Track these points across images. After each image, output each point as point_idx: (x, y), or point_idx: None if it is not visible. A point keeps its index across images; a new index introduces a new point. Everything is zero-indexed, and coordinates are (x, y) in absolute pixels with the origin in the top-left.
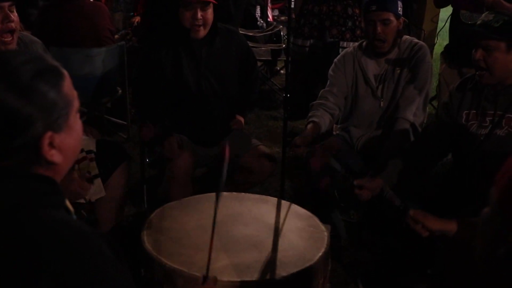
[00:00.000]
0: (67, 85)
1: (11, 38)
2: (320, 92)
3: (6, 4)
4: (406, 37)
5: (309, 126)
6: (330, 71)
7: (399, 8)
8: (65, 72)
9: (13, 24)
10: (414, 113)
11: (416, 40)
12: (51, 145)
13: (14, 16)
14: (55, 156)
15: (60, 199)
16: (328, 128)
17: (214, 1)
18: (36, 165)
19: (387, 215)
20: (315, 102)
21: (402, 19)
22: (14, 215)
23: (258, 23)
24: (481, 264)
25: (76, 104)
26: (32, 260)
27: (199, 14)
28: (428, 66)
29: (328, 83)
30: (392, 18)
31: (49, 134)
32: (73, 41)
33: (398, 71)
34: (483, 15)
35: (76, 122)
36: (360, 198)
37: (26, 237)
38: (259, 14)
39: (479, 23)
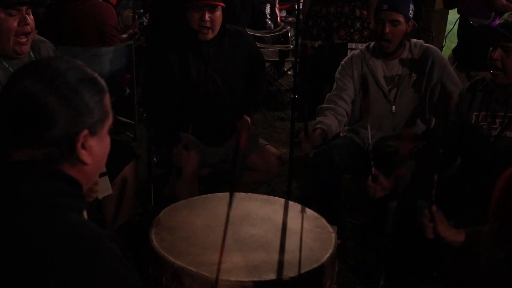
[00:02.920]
0: (107, 100)
1: (26, 39)
2: (327, 96)
3: (24, 7)
4: (414, 40)
5: (318, 131)
6: (337, 74)
7: (410, 11)
8: (107, 88)
9: (29, 27)
10: None
11: (425, 44)
12: (83, 146)
13: (30, 19)
14: (85, 156)
15: (81, 205)
16: (335, 133)
17: (222, 4)
18: (65, 162)
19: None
20: (323, 106)
21: (411, 22)
22: (32, 212)
23: (267, 20)
24: (485, 268)
25: (110, 120)
26: (40, 258)
27: (207, 16)
28: (447, 62)
29: (335, 86)
30: (402, 20)
31: (85, 132)
32: (77, 40)
33: (415, 77)
34: (506, 15)
35: (107, 136)
36: (372, 194)
37: (38, 237)
38: (269, 12)
39: (501, 23)
